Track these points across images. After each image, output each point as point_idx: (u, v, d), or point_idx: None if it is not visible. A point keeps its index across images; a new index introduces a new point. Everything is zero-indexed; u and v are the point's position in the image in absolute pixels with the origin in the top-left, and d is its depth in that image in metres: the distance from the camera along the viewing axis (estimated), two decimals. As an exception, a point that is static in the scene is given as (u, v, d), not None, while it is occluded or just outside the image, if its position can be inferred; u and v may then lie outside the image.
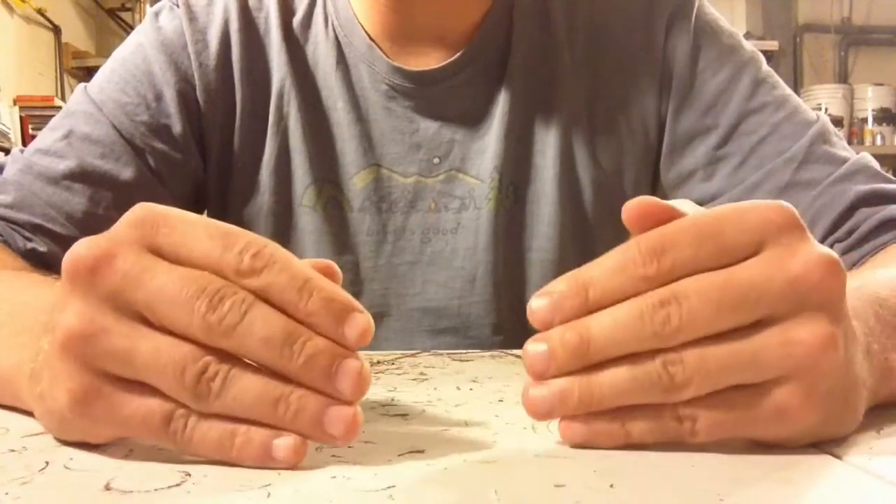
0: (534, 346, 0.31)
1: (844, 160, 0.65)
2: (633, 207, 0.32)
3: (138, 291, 0.30)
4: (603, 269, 0.31)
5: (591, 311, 0.31)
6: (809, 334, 0.30)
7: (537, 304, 0.32)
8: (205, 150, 0.70)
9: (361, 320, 0.30)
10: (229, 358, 0.30)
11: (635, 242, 0.31)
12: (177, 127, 0.68)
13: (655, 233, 0.31)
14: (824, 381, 0.30)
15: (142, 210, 0.32)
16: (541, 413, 0.32)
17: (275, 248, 0.31)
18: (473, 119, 0.70)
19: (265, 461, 0.30)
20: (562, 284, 0.32)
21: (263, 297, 0.30)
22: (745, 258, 0.30)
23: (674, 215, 0.32)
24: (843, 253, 0.61)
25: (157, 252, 0.31)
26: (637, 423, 0.31)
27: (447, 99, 0.70)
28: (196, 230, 0.31)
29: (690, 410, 0.31)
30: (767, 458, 0.32)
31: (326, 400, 0.30)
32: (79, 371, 0.31)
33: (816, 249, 0.31)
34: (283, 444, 0.30)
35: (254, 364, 0.30)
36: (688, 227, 0.31)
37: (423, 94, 0.70)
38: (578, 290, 0.31)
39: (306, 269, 0.31)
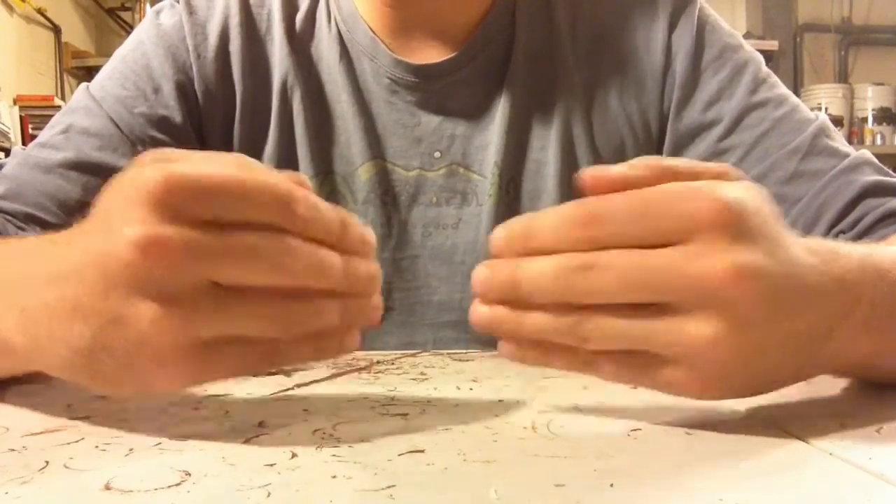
0: (480, 271, 0.36)
1: (847, 154, 0.66)
2: (589, 177, 0.35)
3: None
4: (546, 221, 0.35)
5: (530, 254, 0.35)
6: (696, 332, 0.33)
7: (496, 235, 0.36)
8: (205, 143, 0.70)
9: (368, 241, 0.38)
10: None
11: (577, 205, 0.34)
12: (176, 118, 0.68)
13: (596, 201, 0.34)
14: (711, 370, 0.34)
15: (171, 179, 0.33)
16: (478, 327, 0.37)
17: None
18: (475, 114, 0.71)
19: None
20: (516, 226, 0.36)
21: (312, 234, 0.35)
22: (669, 243, 0.33)
23: (626, 185, 0.34)
24: None
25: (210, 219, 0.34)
26: (555, 355, 0.36)
27: (449, 94, 0.70)
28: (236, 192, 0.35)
29: (597, 358, 0.35)
30: (769, 458, 0.32)
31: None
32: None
33: (731, 255, 0.32)
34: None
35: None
36: (624, 203, 0.33)
37: (424, 87, 0.70)
38: (525, 234, 0.35)
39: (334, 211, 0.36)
